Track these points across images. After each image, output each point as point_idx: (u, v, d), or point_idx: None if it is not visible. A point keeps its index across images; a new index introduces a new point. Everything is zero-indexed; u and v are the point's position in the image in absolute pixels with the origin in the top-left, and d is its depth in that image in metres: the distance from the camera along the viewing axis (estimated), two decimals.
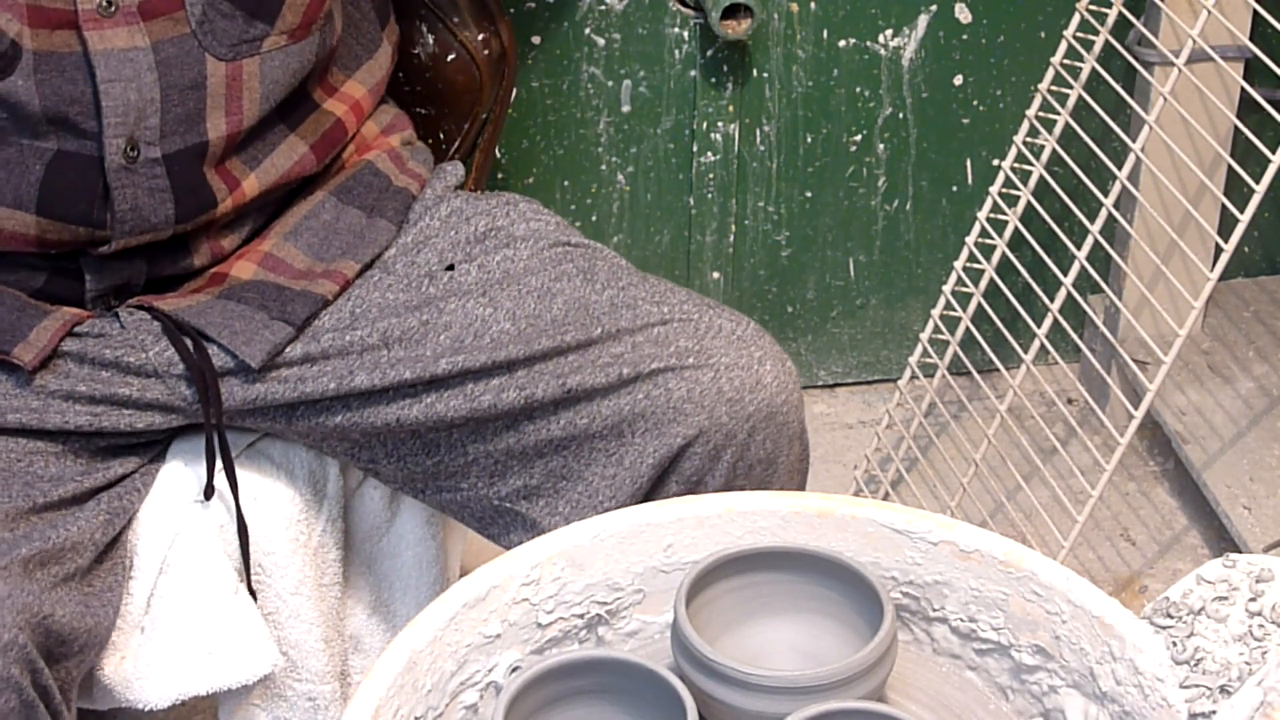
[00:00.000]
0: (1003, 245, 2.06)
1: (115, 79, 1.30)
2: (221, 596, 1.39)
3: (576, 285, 1.42)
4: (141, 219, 1.35)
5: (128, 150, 1.32)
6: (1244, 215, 1.75)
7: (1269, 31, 1.90)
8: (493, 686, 1.15)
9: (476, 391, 1.38)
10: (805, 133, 2.14)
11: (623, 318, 1.40)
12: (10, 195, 1.32)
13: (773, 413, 1.38)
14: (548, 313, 1.40)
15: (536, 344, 1.37)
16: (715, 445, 1.37)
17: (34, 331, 1.34)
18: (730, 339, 1.40)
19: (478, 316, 1.40)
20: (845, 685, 1.07)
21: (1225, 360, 2.23)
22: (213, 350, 1.38)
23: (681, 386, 1.37)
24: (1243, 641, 1.06)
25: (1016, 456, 2.10)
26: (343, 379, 1.38)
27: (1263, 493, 2.01)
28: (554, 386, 1.38)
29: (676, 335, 1.39)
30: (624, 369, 1.38)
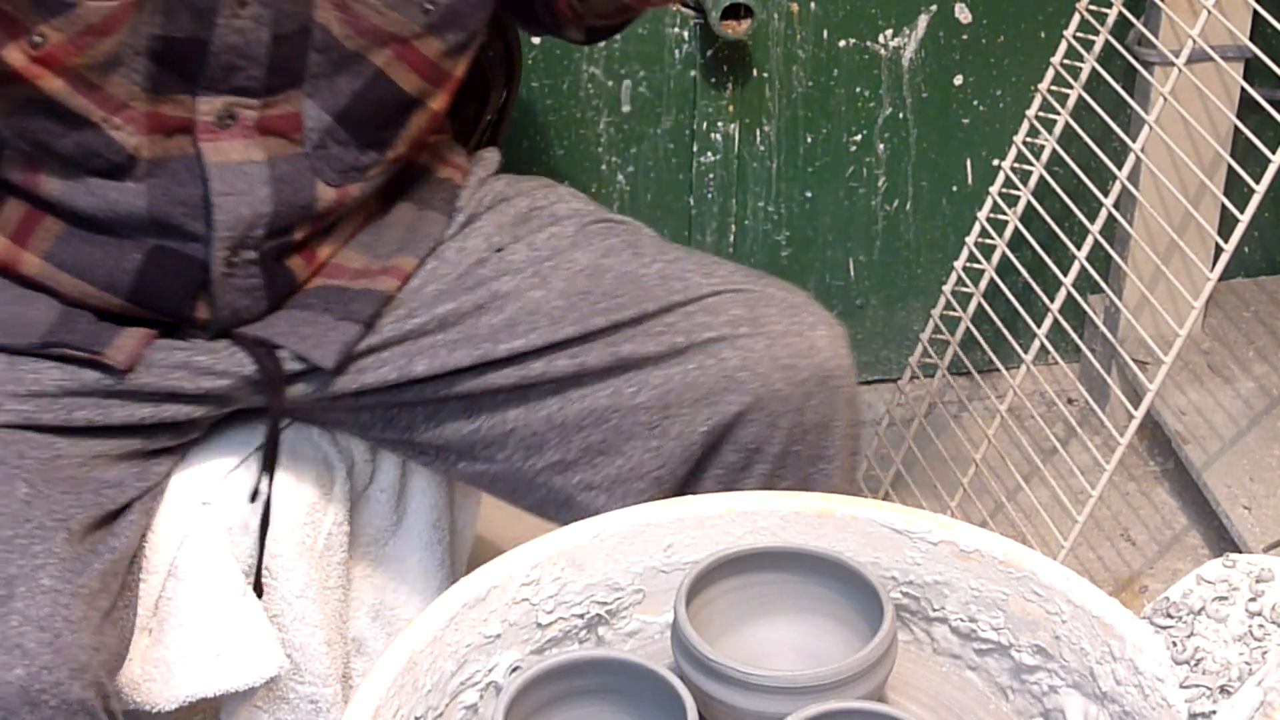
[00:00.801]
0: (1003, 245, 2.06)
1: (230, 192, 1.32)
2: (229, 599, 1.39)
3: (625, 260, 1.43)
4: (237, 314, 1.38)
5: (230, 257, 1.34)
6: (1244, 215, 1.75)
7: (1269, 31, 1.90)
8: (493, 686, 1.15)
9: (528, 361, 1.39)
10: (805, 133, 2.14)
11: (674, 289, 1.41)
12: (104, 278, 1.35)
13: (826, 377, 1.39)
14: (598, 288, 1.41)
15: (591, 321, 1.39)
16: (772, 412, 1.38)
17: (119, 338, 1.35)
18: (783, 306, 1.40)
19: (530, 296, 1.41)
20: (845, 685, 1.07)
21: (1225, 360, 2.23)
22: (281, 354, 1.39)
23: (735, 355, 1.38)
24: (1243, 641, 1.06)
25: (1016, 456, 2.10)
26: (402, 368, 1.40)
27: (1263, 493, 2.01)
28: (606, 355, 1.39)
29: (729, 304, 1.40)
30: (677, 338, 1.38)
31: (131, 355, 1.34)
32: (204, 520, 1.40)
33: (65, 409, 1.33)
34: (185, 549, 1.39)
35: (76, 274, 1.35)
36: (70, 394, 1.34)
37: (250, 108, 1.32)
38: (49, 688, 1.17)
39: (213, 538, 1.40)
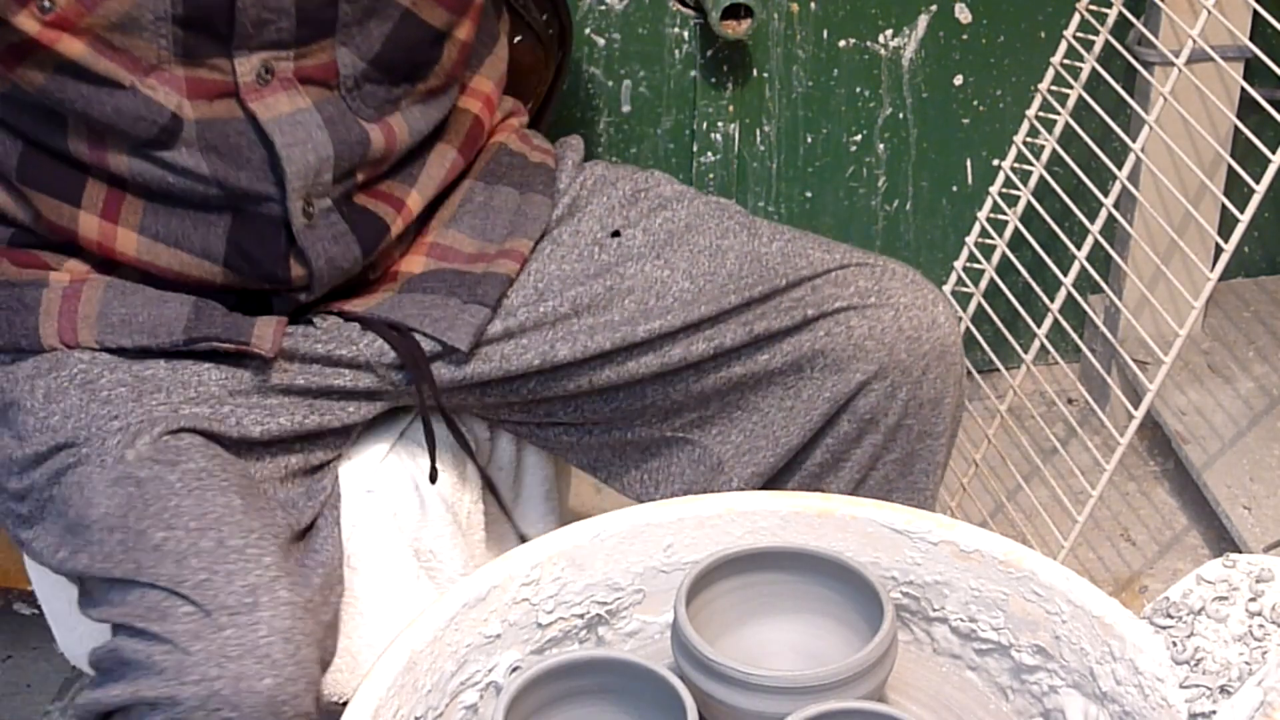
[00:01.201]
0: (1003, 245, 2.06)
1: (293, 143, 1.33)
2: (405, 585, 1.40)
3: (744, 240, 1.45)
4: (335, 267, 1.38)
5: (306, 208, 1.35)
6: (1244, 215, 1.75)
7: (1269, 31, 1.90)
8: (493, 686, 1.15)
9: (667, 348, 1.42)
10: (805, 133, 2.14)
11: (799, 266, 1.43)
12: (198, 245, 1.35)
13: (944, 352, 1.42)
14: (723, 269, 1.43)
15: (724, 300, 1.41)
16: (893, 382, 1.40)
17: (256, 326, 1.36)
18: (905, 281, 1.43)
19: (657, 279, 1.43)
20: (845, 685, 1.07)
21: (1225, 360, 2.23)
22: (418, 338, 1.41)
23: (863, 324, 1.41)
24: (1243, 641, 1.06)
25: (1016, 456, 2.10)
26: (545, 353, 1.41)
27: (1263, 493, 2.01)
28: (741, 334, 1.41)
29: (855, 277, 1.42)
30: (808, 310, 1.41)
31: (274, 341, 1.36)
32: (371, 509, 1.41)
33: (235, 417, 1.34)
34: (356, 538, 1.40)
35: (172, 244, 1.35)
36: (234, 394, 1.35)
37: (285, 59, 1.33)
38: (290, 699, 1.18)
39: (382, 525, 1.41)
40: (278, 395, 1.37)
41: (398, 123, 1.40)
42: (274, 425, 1.36)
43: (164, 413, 1.31)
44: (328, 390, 1.39)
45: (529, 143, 1.55)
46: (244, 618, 1.19)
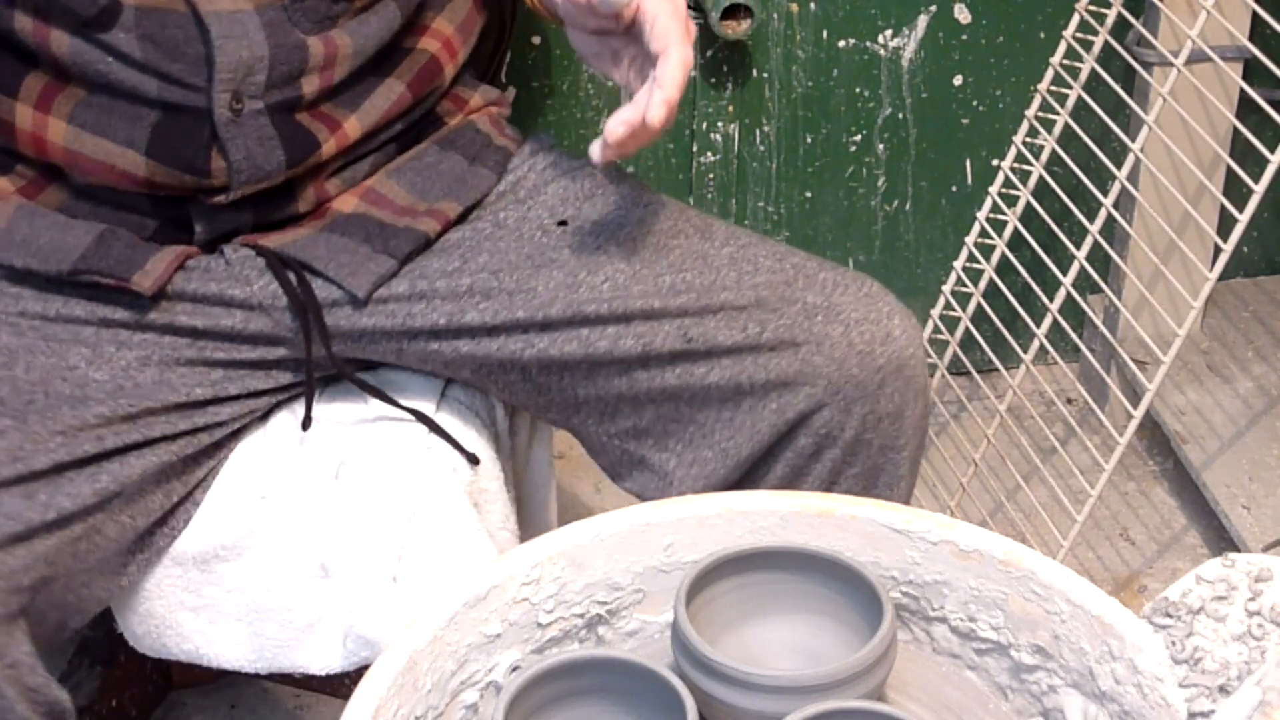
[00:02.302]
0: (1002, 245, 2.06)
1: (229, 36, 1.35)
2: (468, 537, 1.41)
3: (694, 241, 1.44)
4: (256, 167, 1.39)
5: (233, 104, 1.36)
6: (1243, 215, 1.75)
7: (1268, 32, 1.91)
8: (493, 686, 1.15)
9: (592, 337, 1.39)
10: (805, 133, 2.14)
11: (744, 273, 1.40)
12: (123, 134, 1.37)
13: (901, 366, 1.39)
14: (664, 261, 1.41)
15: (659, 299, 1.39)
16: (847, 398, 1.38)
17: (150, 262, 1.38)
18: (858, 294, 1.40)
19: (592, 259, 1.41)
20: (845, 685, 1.07)
21: (1224, 360, 2.23)
22: (317, 284, 1.42)
23: (810, 343, 1.38)
24: (1242, 641, 1.06)
25: (1016, 456, 2.10)
26: (453, 316, 1.41)
27: (1262, 492, 2.02)
28: (675, 338, 1.39)
29: (803, 291, 1.40)
30: (750, 325, 1.38)
31: (159, 280, 1.37)
32: (431, 464, 1.43)
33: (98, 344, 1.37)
34: (420, 495, 1.41)
35: (99, 133, 1.37)
36: (108, 323, 1.38)
37: None
38: None
39: (443, 479, 1.42)
40: (162, 333, 1.39)
41: (340, 37, 1.40)
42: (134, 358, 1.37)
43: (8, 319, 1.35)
44: (214, 330, 1.40)
45: (500, 128, 1.56)
46: None
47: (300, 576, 1.41)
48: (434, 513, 1.41)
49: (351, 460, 1.42)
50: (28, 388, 1.32)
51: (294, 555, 1.41)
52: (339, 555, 1.40)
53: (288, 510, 1.41)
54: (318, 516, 1.41)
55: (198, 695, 1.87)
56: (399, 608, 1.38)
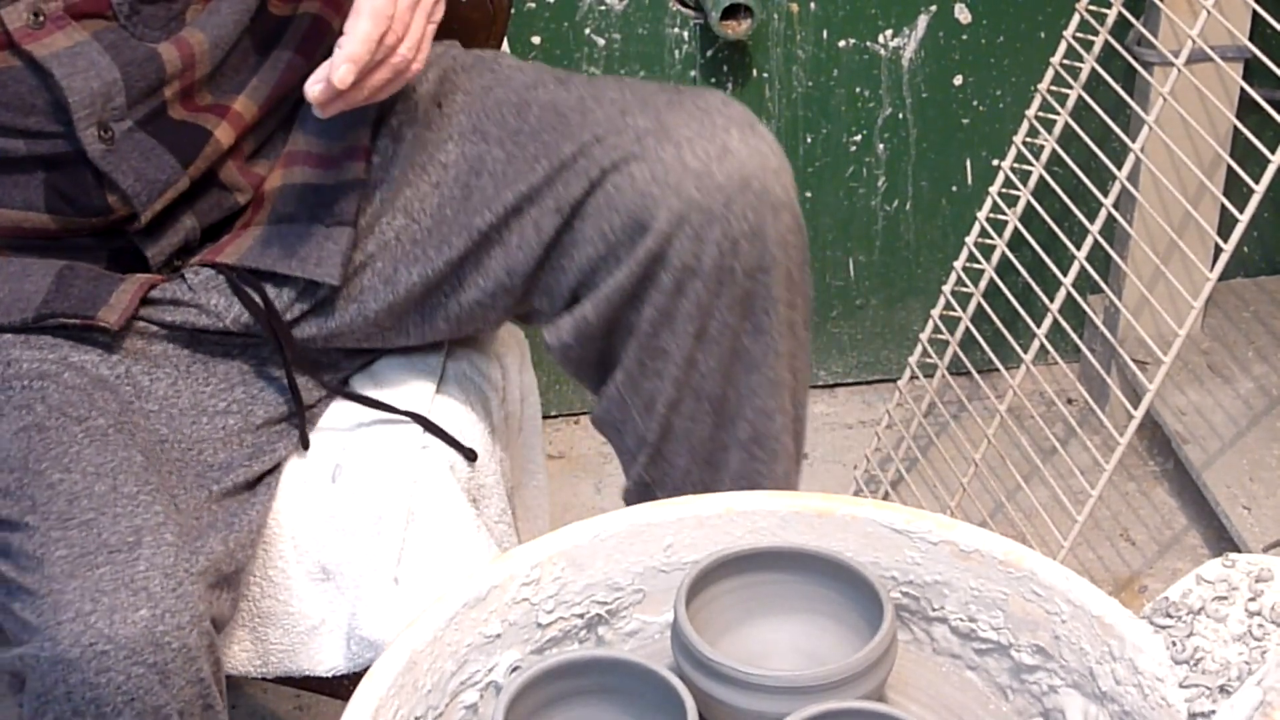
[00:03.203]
0: (1002, 245, 2.06)
1: (73, 73, 1.32)
2: (467, 535, 1.41)
3: (550, 90, 1.41)
4: (151, 181, 1.37)
5: (101, 134, 1.34)
6: (1243, 215, 1.75)
7: (1268, 31, 1.91)
8: (493, 686, 1.15)
9: (505, 239, 1.38)
10: (805, 133, 2.14)
11: (588, 111, 1.37)
12: (19, 199, 1.36)
13: (747, 179, 1.33)
14: (526, 124, 1.39)
15: (527, 178, 1.37)
16: (695, 225, 1.33)
17: (114, 295, 1.36)
18: (692, 111, 1.35)
19: (473, 155, 1.40)
20: (845, 685, 1.07)
21: (1225, 360, 2.23)
22: (282, 295, 1.40)
23: (644, 169, 1.33)
24: (1242, 641, 1.06)
25: (1016, 456, 2.10)
26: (389, 280, 1.41)
27: (1262, 493, 2.01)
28: (552, 212, 1.37)
29: (635, 121, 1.35)
30: (593, 170, 1.35)
31: (124, 312, 1.35)
32: (428, 463, 1.42)
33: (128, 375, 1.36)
34: (418, 494, 1.41)
35: (1, 205, 1.36)
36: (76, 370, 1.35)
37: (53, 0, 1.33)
38: (171, 632, 1.19)
39: (440, 478, 1.42)
40: (141, 363, 1.38)
41: (191, 34, 1.37)
42: (161, 376, 1.37)
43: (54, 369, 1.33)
44: (194, 360, 1.40)
45: None
46: (123, 555, 1.20)
47: (302, 581, 1.41)
48: (433, 512, 1.41)
49: (348, 463, 1.42)
50: None
51: (295, 560, 1.41)
52: (339, 558, 1.40)
53: (287, 515, 1.41)
54: (317, 520, 1.41)
55: None
56: (401, 608, 1.38)
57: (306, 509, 1.41)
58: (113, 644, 1.17)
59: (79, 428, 1.29)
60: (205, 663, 1.22)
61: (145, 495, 1.24)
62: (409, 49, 1.28)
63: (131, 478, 1.25)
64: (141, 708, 1.18)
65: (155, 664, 1.18)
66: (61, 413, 1.30)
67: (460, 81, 1.45)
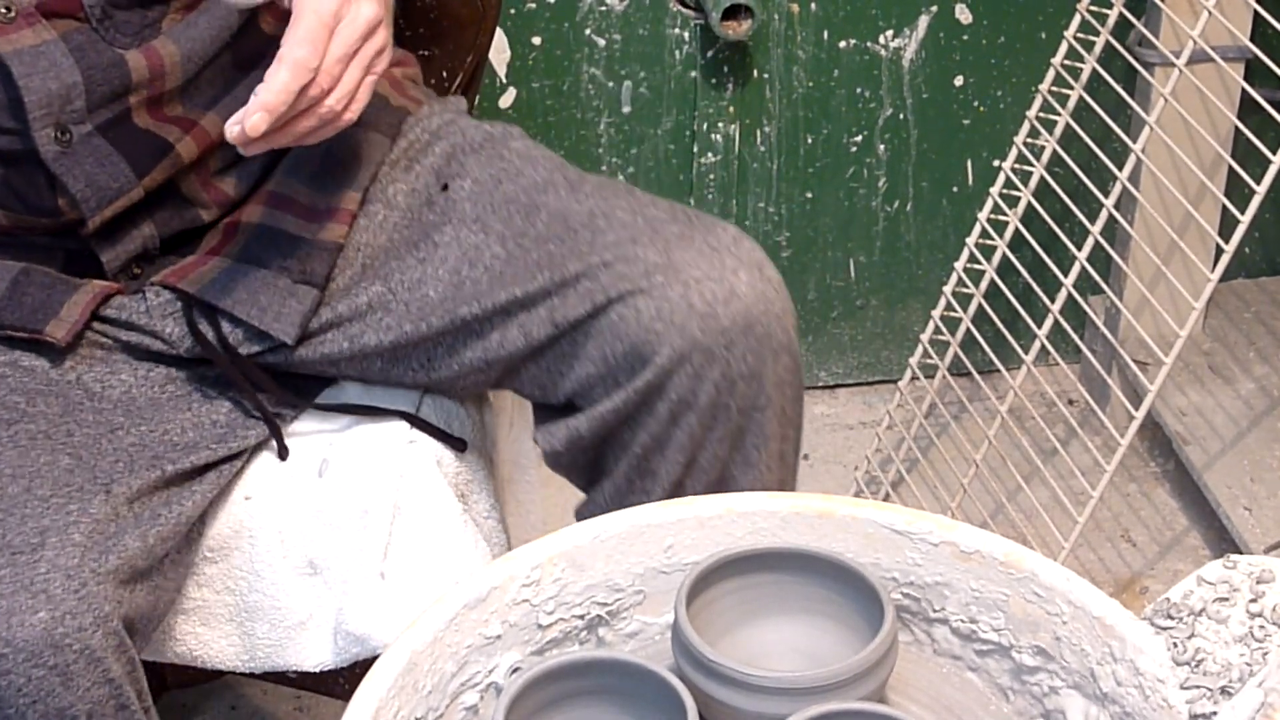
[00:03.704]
0: (1003, 246, 2.06)
1: (32, 72, 1.31)
2: (453, 530, 1.40)
3: (561, 197, 1.40)
4: (101, 189, 1.36)
5: (58, 136, 1.33)
6: (1245, 216, 1.75)
7: (1269, 32, 1.90)
8: (493, 687, 1.15)
9: (485, 333, 1.38)
10: (805, 133, 2.14)
11: (598, 230, 1.37)
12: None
13: (750, 324, 1.33)
14: (532, 229, 1.38)
15: (523, 283, 1.36)
16: (695, 363, 1.33)
17: (65, 308, 1.35)
18: (701, 249, 1.35)
19: (471, 245, 1.39)
20: (846, 686, 1.07)
21: (1226, 361, 2.23)
22: (238, 332, 1.39)
23: (650, 306, 1.33)
24: (1243, 643, 1.06)
25: (1017, 457, 2.10)
26: (354, 339, 1.40)
27: (1263, 494, 2.01)
28: (546, 324, 1.36)
29: (645, 252, 1.35)
30: (598, 296, 1.34)
31: (72, 328, 1.34)
32: (414, 458, 1.42)
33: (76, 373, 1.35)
34: (403, 489, 1.41)
35: None
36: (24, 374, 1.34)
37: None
38: (71, 634, 1.18)
39: (427, 472, 1.42)
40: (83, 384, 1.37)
41: (163, 45, 1.36)
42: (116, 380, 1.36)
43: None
44: (144, 379, 1.39)
45: (400, 89, 1.51)
46: (24, 557, 1.19)
47: (289, 575, 1.41)
48: (419, 507, 1.41)
49: (335, 458, 1.42)
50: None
51: (282, 554, 1.41)
52: (326, 553, 1.40)
53: (273, 510, 1.41)
54: (304, 515, 1.41)
55: (197, 696, 1.87)
56: (388, 603, 1.38)
57: (293, 504, 1.41)
58: (10, 647, 1.16)
59: (6, 432, 1.28)
60: (114, 663, 1.21)
61: (59, 498, 1.23)
62: (337, 101, 1.27)
63: (49, 481, 1.25)
64: (45, 709, 1.18)
65: (56, 666, 1.18)
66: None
67: (469, 166, 1.45)
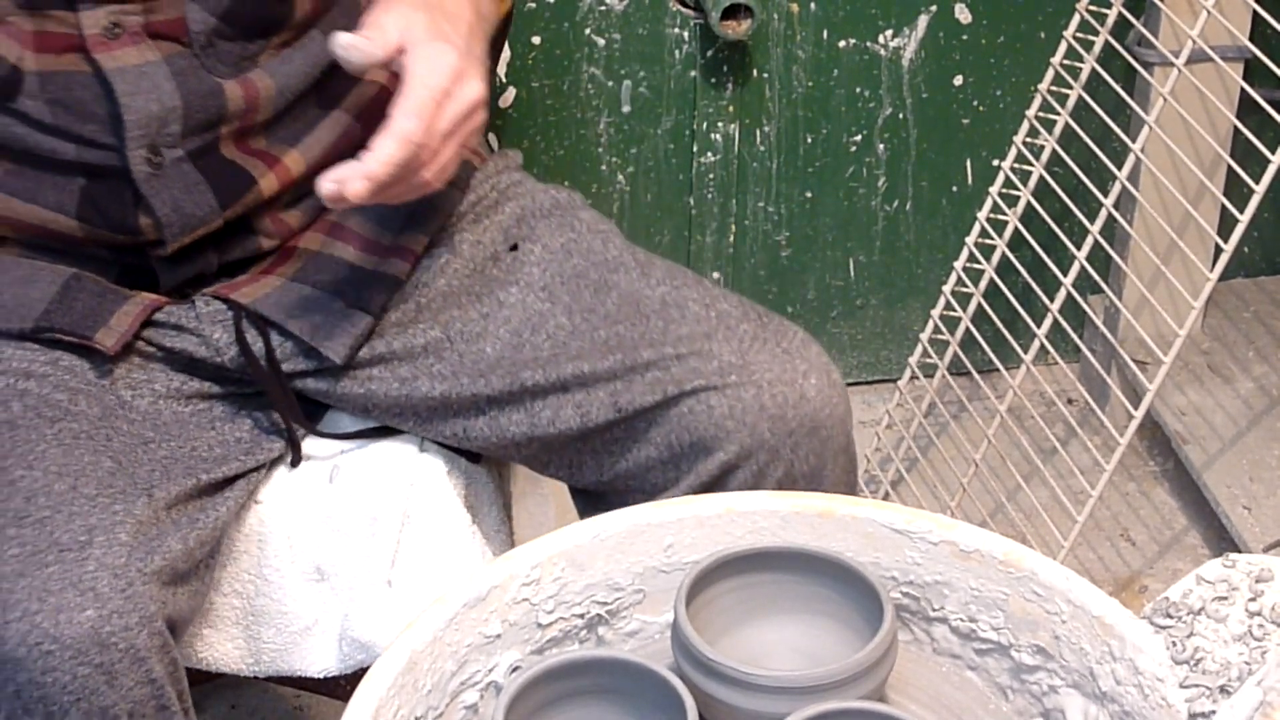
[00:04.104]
0: (1003, 245, 2.06)
1: (135, 92, 1.32)
2: (461, 540, 1.41)
3: (633, 279, 1.42)
4: (187, 216, 1.37)
5: (150, 158, 1.34)
6: (1244, 215, 1.75)
7: (1269, 32, 1.90)
8: (493, 686, 1.15)
9: (536, 407, 1.39)
10: (805, 133, 2.14)
11: (670, 321, 1.39)
12: (52, 199, 1.36)
13: (816, 427, 1.37)
14: (601, 308, 1.40)
15: (590, 359, 1.37)
16: (760, 461, 1.36)
17: (115, 317, 1.36)
18: (774, 352, 1.38)
19: (536, 312, 1.41)
20: (845, 685, 1.07)
21: (1225, 360, 2.23)
22: (286, 346, 1.40)
23: (723, 404, 1.35)
24: (1242, 641, 1.06)
25: (1016, 457, 2.10)
26: (405, 381, 1.40)
27: (1262, 493, 2.01)
28: (607, 407, 1.37)
29: (720, 349, 1.37)
30: (669, 387, 1.36)
31: (121, 338, 1.35)
32: (426, 467, 1.42)
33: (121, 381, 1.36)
34: (413, 497, 1.41)
35: (28, 199, 1.35)
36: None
37: (134, 14, 1.32)
38: (118, 632, 1.18)
39: (437, 483, 1.42)
40: (129, 390, 1.37)
41: (260, 78, 1.38)
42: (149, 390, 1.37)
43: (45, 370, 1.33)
44: (182, 392, 1.39)
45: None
46: (73, 554, 1.19)
47: (296, 581, 1.41)
48: (428, 516, 1.41)
49: (346, 464, 1.42)
50: None
51: (290, 560, 1.41)
52: (334, 559, 1.40)
53: (283, 515, 1.41)
54: (313, 521, 1.41)
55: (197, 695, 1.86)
56: (394, 611, 1.38)
57: (303, 509, 1.41)
58: (58, 644, 1.17)
59: (51, 429, 1.29)
60: (157, 663, 1.21)
61: (104, 497, 1.24)
62: (434, 175, 1.29)
63: (94, 480, 1.25)
64: (89, 707, 1.18)
65: (101, 664, 1.18)
66: (37, 413, 1.29)
67: (539, 231, 1.46)
